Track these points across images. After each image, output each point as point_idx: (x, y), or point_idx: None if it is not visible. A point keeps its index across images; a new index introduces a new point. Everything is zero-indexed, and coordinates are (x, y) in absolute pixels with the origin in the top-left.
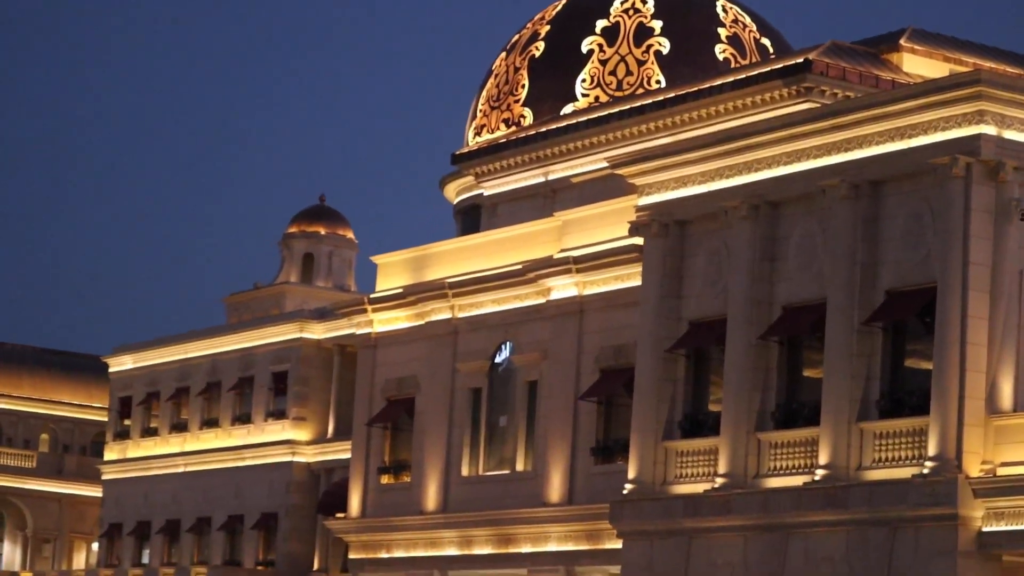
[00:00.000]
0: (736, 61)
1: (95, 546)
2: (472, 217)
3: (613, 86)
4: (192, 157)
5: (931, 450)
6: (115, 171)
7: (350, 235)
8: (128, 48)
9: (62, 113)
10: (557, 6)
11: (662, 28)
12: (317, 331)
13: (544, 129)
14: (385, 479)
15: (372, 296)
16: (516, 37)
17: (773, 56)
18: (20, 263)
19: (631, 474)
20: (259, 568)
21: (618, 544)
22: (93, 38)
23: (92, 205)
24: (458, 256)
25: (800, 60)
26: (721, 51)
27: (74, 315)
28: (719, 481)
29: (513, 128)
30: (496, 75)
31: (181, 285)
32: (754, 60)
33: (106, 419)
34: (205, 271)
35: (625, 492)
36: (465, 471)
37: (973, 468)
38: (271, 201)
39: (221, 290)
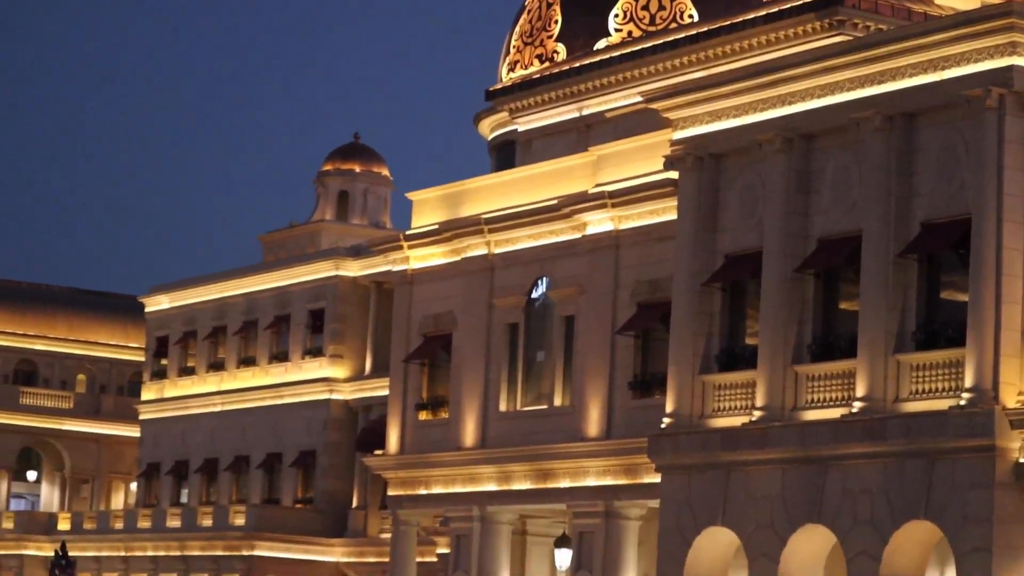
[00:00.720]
0: None
1: (133, 486)
2: (507, 153)
3: (646, 21)
4: (227, 96)
5: (967, 381)
6: (151, 111)
7: (385, 172)
8: None
9: (95, 53)
10: None
11: None
12: (353, 268)
13: (577, 64)
14: (423, 415)
15: (408, 233)
16: None
17: None
18: (55, 204)
19: (669, 408)
20: (298, 506)
21: (656, 478)
22: None
23: (127, 145)
24: (493, 192)
25: None
26: None
27: (110, 255)
28: (756, 414)
29: (547, 64)
30: (529, 11)
31: (216, 224)
32: None
33: (143, 359)
34: (240, 210)
35: (663, 426)
36: (503, 406)
37: (1010, 399)
38: (306, 139)
39: (256, 229)
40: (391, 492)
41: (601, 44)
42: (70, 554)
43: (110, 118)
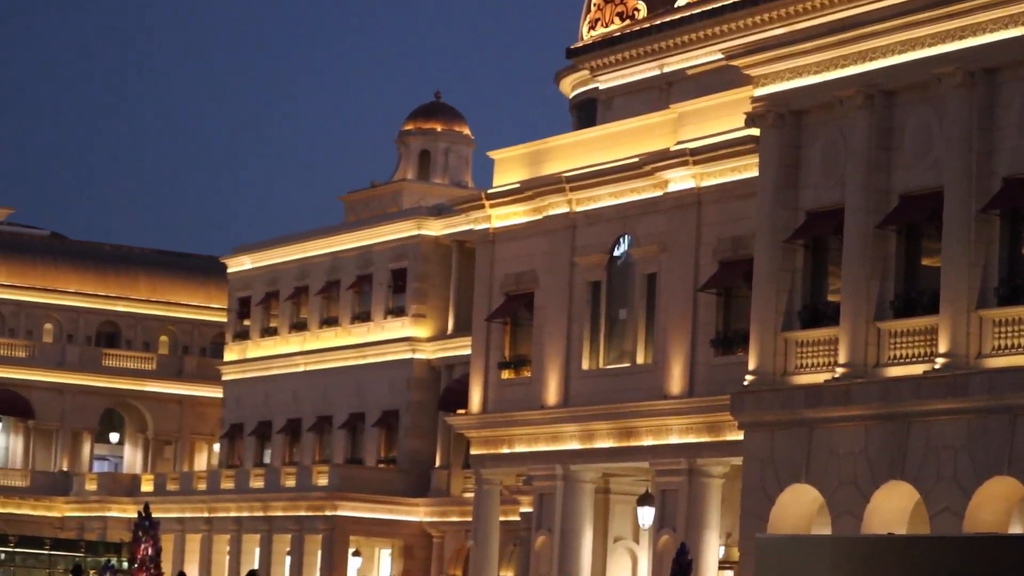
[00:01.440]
0: None
1: (216, 447)
2: (588, 111)
3: None
4: (309, 56)
5: None
6: (233, 72)
7: (466, 131)
8: None
9: (175, 10)
10: None
11: None
12: (435, 228)
13: (658, 22)
14: (505, 374)
15: (489, 191)
16: None
17: None
18: (137, 166)
19: (751, 365)
20: (381, 466)
21: (739, 435)
22: None
23: (210, 107)
24: (574, 150)
25: None
26: None
27: (192, 217)
28: (839, 371)
29: (627, 21)
30: None
31: (298, 185)
32: None
33: (225, 320)
34: (322, 170)
35: (745, 383)
36: (585, 365)
37: None
38: (387, 99)
39: (338, 189)
40: (474, 451)
41: (682, 1)
42: (153, 515)
43: (193, 80)
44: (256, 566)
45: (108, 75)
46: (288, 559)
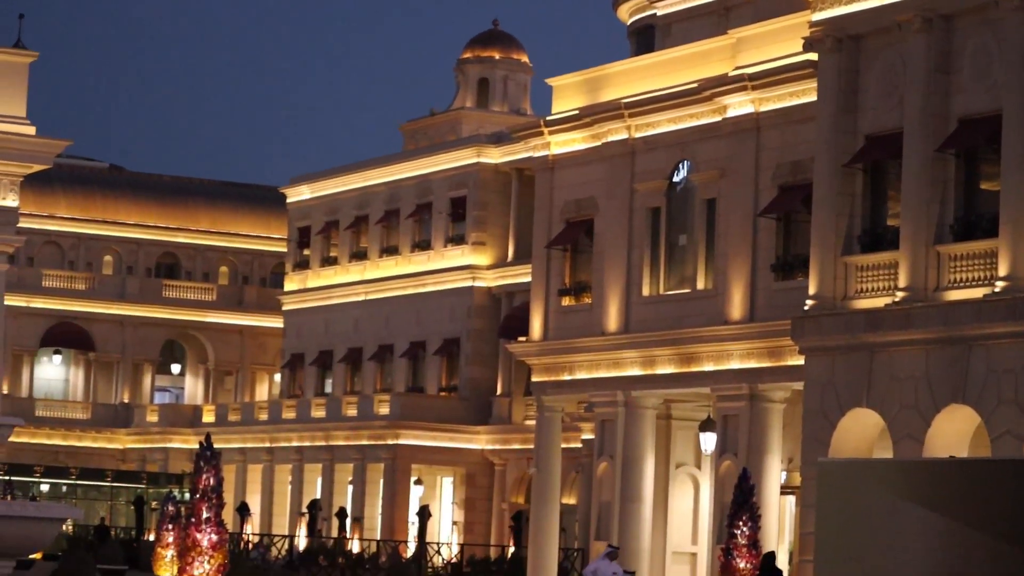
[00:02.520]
0: None
1: (277, 377)
2: (646, 37)
3: None
4: None
5: None
6: (291, 0)
7: (524, 59)
8: None
9: None
10: None
11: None
12: (494, 155)
13: None
14: (566, 301)
15: (548, 118)
16: None
17: None
18: (196, 96)
19: (811, 290)
20: (442, 394)
21: (800, 360)
22: None
23: (268, 36)
24: (633, 76)
25: None
26: None
27: (251, 147)
28: (899, 295)
29: None
30: None
31: (357, 114)
32: None
33: (285, 250)
34: (380, 99)
35: (806, 308)
36: (646, 291)
37: None
38: (445, 27)
39: (397, 117)
40: (535, 378)
41: None
42: (215, 446)
43: (252, 9)
44: (318, 495)
45: (165, 5)
46: (350, 488)
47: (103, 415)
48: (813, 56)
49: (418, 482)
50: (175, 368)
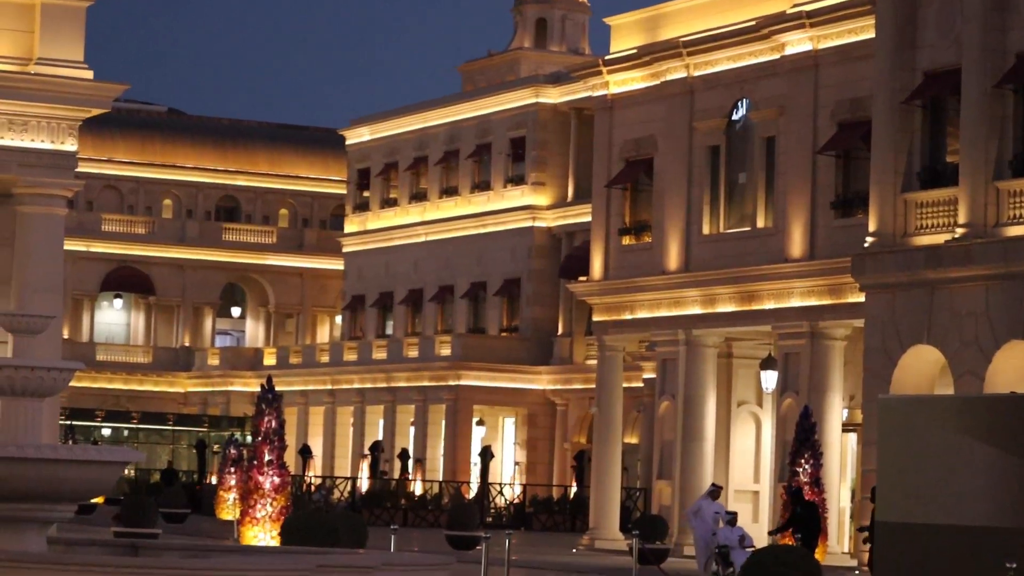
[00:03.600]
0: None
1: (338, 319)
2: None
3: None
4: None
5: None
6: None
7: None
8: None
9: None
10: None
11: None
12: (553, 95)
13: None
14: (626, 240)
15: (607, 58)
16: None
17: None
18: (255, 39)
19: (871, 227)
20: (503, 334)
21: (860, 297)
22: None
23: None
24: (691, 14)
25: None
26: None
27: (310, 89)
28: (959, 231)
29: None
30: None
31: (415, 55)
32: None
33: (344, 192)
34: (438, 40)
35: (865, 245)
36: (706, 229)
37: None
38: None
39: (455, 59)
40: (596, 318)
41: None
42: (276, 389)
43: None
44: (380, 437)
45: None
46: (412, 429)
47: (164, 359)
48: None
49: (480, 423)
50: (235, 311)
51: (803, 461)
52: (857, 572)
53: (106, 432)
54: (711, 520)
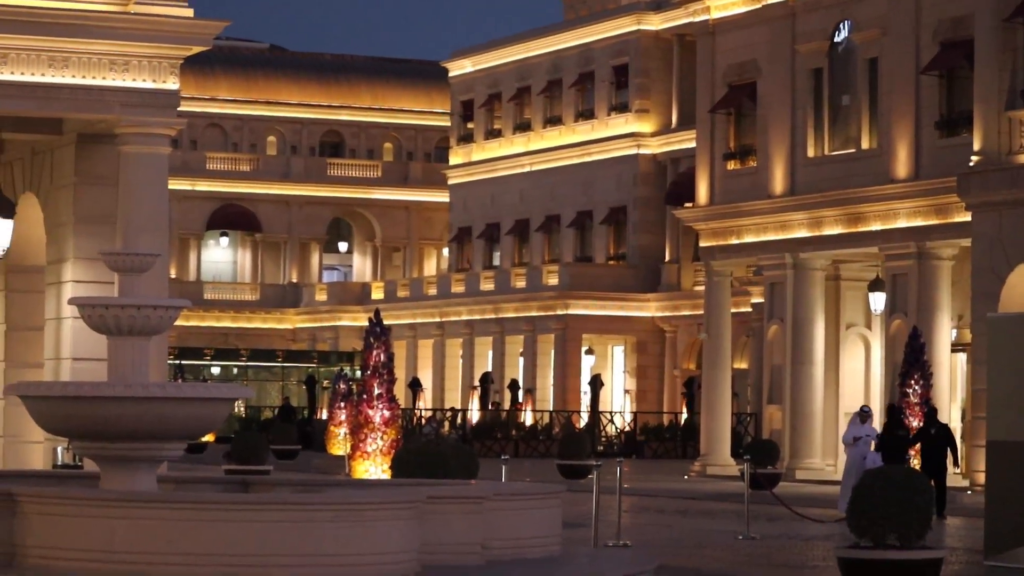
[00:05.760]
0: None
1: (444, 251)
2: None
3: None
4: None
5: None
6: None
7: None
8: None
9: None
10: None
11: None
12: (655, 22)
13: None
14: (731, 165)
15: None
16: None
17: None
18: None
19: (976, 146)
20: (611, 263)
21: (967, 217)
22: None
23: None
24: None
25: None
26: None
27: (411, 22)
28: None
29: None
30: None
31: None
32: None
33: (448, 124)
34: None
35: (971, 164)
36: (811, 152)
37: None
38: None
39: None
40: (703, 244)
41: None
42: (384, 322)
43: None
44: (489, 368)
45: None
46: (521, 360)
47: (272, 296)
48: None
49: (589, 352)
50: (342, 246)
51: (912, 382)
52: (969, 492)
53: (215, 371)
54: (864, 446)
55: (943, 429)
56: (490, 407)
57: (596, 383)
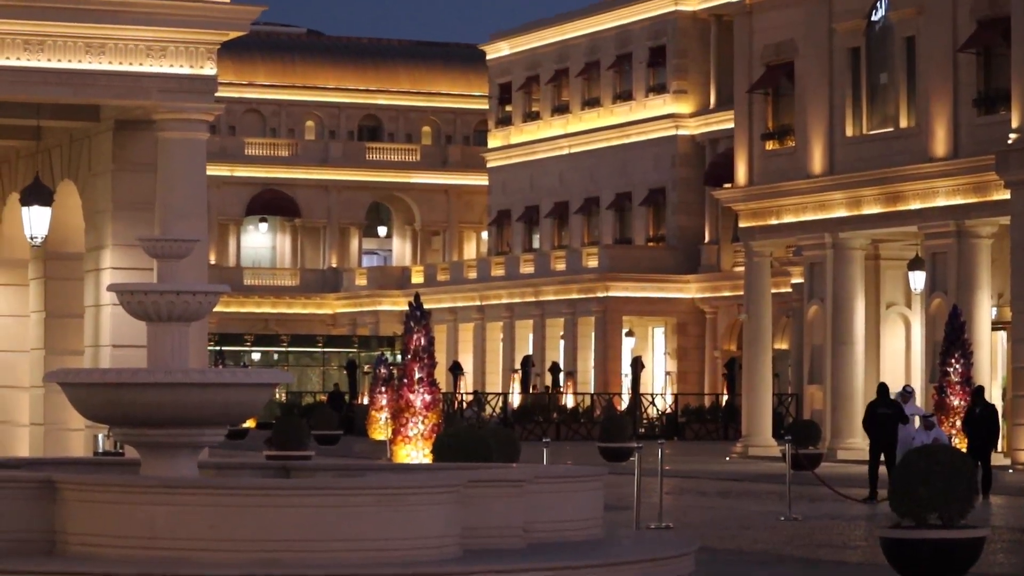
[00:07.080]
0: None
1: (484, 235)
2: None
3: None
4: None
5: None
6: None
7: None
8: None
9: None
10: None
11: None
12: (692, 3)
13: None
14: (770, 145)
15: None
16: None
17: None
18: None
19: (1014, 123)
20: (650, 244)
21: (1006, 194)
22: None
23: None
24: None
25: None
26: None
27: (448, 5)
28: None
29: None
30: None
31: None
32: None
33: (486, 107)
34: None
35: (1009, 141)
36: (849, 131)
37: None
38: None
39: None
40: (742, 224)
41: None
42: (424, 306)
43: None
44: (530, 352)
45: None
46: (562, 343)
47: (311, 281)
48: None
49: (629, 334)
50: (381, 231)
51: (953, 360)
52: (1011, 470)
53: (256, 356)
54: (911, 424)
55: (989, 408)
56: (532, 390)
57: (637, 365)
